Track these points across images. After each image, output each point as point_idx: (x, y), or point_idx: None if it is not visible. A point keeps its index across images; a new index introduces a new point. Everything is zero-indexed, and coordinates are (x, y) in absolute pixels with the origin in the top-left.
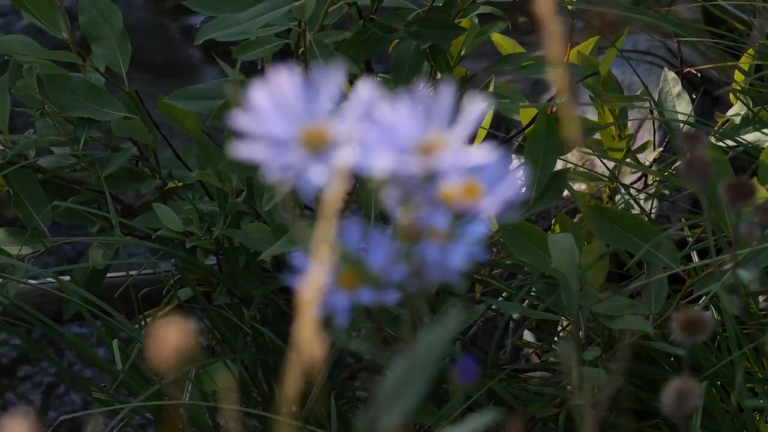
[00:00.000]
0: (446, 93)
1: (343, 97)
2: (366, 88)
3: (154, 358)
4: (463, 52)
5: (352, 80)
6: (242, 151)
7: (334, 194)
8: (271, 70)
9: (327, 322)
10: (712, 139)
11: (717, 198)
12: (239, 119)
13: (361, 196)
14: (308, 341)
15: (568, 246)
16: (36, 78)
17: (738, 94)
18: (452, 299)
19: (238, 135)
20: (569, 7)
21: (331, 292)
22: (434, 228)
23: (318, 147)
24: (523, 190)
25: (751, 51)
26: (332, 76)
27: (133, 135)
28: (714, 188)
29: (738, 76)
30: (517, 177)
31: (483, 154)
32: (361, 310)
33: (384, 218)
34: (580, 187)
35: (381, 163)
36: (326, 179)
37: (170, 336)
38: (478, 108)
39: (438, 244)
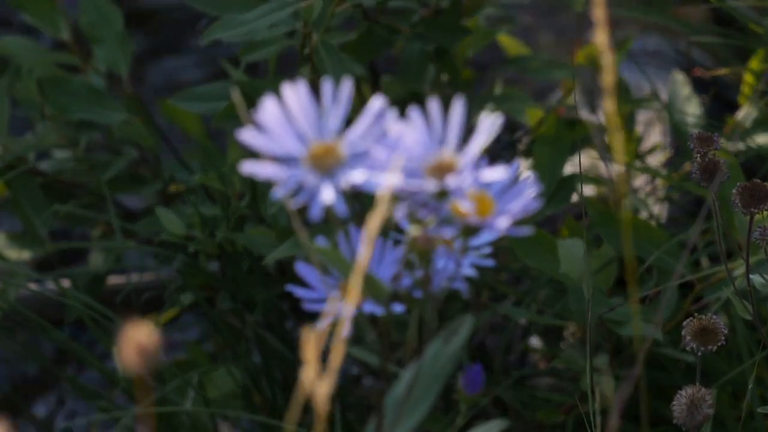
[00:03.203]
0: (457, 108)
1: (351, 104)
2: (376, 103)
3: (123, 360)
4: (469, 54)
5: (357, 82)
6: (251, 168)
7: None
8: (284, 84)
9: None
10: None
11: (727, 202)
12: (248, 135)
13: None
14: (313, 380)
15: (577, 251)
16: (36, 80)
17: (747, 96)
18: (459, 305)
19: (247, 151)
20: (578, 8)
21: (340, 303)
22: (444, 240)
23: (328, 164)
24: (536, 203)
25: (760, 52)
26: (342, 90)
27: (135, 138)
28: (725, 192)
29: (748, 77)
30: (529, 192)
31: (495, 171)
32: (368, 317)
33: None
34: (587, 190)
35: (391, 180)
36: (335, 197)
37: (137, 338)
38: (490, 125)
39: (448, 255)
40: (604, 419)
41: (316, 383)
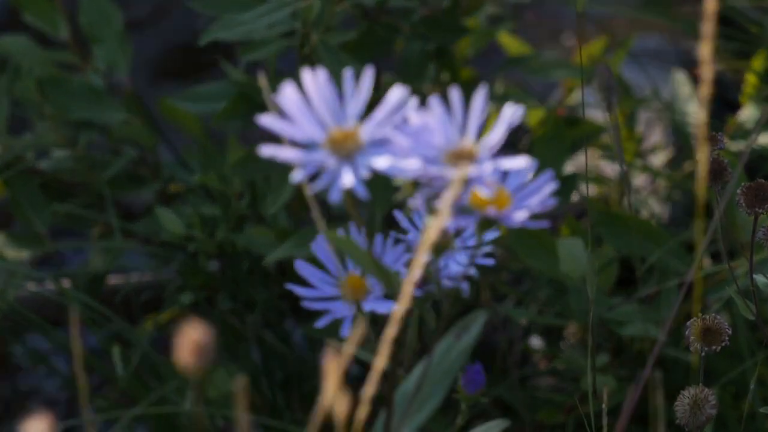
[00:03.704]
0: (479, 97)
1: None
2: (397, 92)
3: (178, 358)
4: (469, 54)
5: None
6: (271, 151)
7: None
8: (304, 71)
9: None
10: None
11: (730, 201)
12: (268, 120)
13: (377, 201)
14: (333, 399)
15: (578, 251)
16: (36, 80)
17: (749, 95)
18: (459, 305)
19: (266, 136)
20: (578, 8)
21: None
22: (460, 234)
23: (348, 149)
24: (554, 198)
25: (762, 51)
26: (365, 80)
27: (134, 137)
28: (727, 191)
29: (750, 77)
30: (546, 188)
31: (516, 160)
32: (371, 317)
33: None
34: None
35: (411, 168)
36: (355, 181)
37: (192, 337)
38: (511, 115)
39: (460, 252)
40: (606, 420)
41: (336, 401)
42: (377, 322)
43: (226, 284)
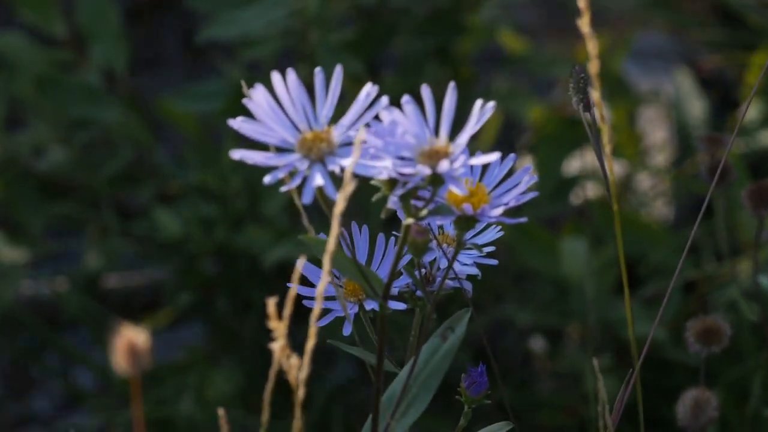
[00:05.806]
0: (450, 95)
1: (347, 97)
2: (368, 90)
3: (115, 361)
4: (470, 52)
5: (357, 79)
6: (240, 154)
7: (340, 201)
8: (274, 74)
9: (332, 331)
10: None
11: (735, 201)
12: (238, 123)
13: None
14: (283, 356)
15: (580, 252)
16: (33, 78)
17: (750, 90)
18: (458, 305)
19: (240, 139)
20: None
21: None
22: (441, 233)
23: (319, 151)
24: (532, 193)
25: (763, 46)
26: (334, 80)
27: (132, 135)
28: (732, 191)
29: (751, 74)
30: (524, 182)
31: (488, 156)
32: (366, 318)
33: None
34: (591, 190)
35: (386, 168)
36: (325, 181)
37: (130, 340)
38: (483, 111)
39: (445, 249)
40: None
41: (287, 356)
42: (377, 322)
43: (225, 285)
